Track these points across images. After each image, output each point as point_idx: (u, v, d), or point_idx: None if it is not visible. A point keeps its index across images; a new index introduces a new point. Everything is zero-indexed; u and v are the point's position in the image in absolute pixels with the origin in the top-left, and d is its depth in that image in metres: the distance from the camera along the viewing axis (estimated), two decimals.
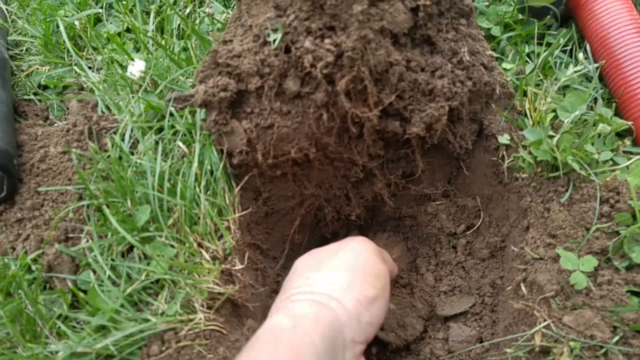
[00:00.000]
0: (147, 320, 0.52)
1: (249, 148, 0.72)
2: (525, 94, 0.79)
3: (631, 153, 0.73)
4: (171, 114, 0.75)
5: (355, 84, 0.66)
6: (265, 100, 0.70)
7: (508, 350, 0.62)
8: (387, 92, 0.68)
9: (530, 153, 0.73)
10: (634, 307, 0.58)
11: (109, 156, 0.72)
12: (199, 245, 0.61)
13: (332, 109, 0.69)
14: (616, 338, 0.57)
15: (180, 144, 0.70)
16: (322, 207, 0.82)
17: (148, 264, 0.56)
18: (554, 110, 0.76)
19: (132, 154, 0.74)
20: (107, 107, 0.87)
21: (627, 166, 0.70)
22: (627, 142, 0.73)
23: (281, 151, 0.72)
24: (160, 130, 0.77)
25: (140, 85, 0.83)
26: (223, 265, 0.62)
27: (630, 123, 0.72)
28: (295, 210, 0.81)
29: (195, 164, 0.64)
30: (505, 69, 0.83)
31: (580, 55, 0.79)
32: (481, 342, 0.76)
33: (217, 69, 0.71)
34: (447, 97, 0.70)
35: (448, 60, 0.72)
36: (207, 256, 0.60)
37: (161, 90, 0.84)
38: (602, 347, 0.57)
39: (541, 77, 0.82)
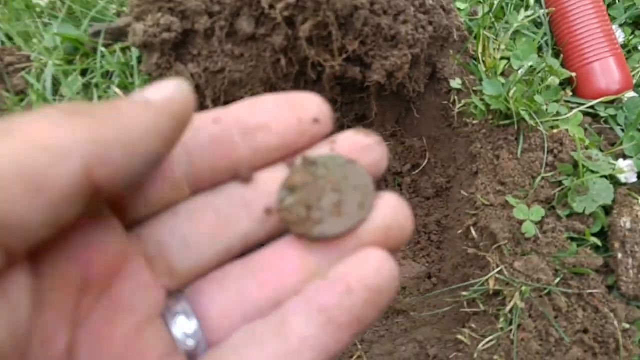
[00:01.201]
0: None
1: (197, 94, 0.64)
2: (476, 36, 0.78)
3: (570, 102, 0.77)
4: (96, 50, 0.64)
5: (319, 29, 0.60)
6: (215, 42, 0.62)
7: (464, 293, 0.67)
8: (350, 38, 0.64)
9: (482, 100, 0.74)
10: (572, 252, 0.64)
11: (22, 100, 0.61)
12: None
13: (291, 54, 0.64)
14: (557, 280, 0.63)
15: (117, 89, 0.61)
16: None
17: None
18: (506, 57, 0.77)
19: (55, 100, 0.63)
20: (8, 37, 0.72)
21: (568, 117, 0.74)
22: (569, 92, 0.76)
23: (233, 97, 0.66)
24: (85, 71, 0.66)
25: (50, 13, 0.69)
26: None
27: (573, 74, 0.75)
28: None
29: None
30: (459, 9, 0.81)
31: (531, 0, 0.78)
32: (430, 277, 0.80)
33: (156, 4, 0.60)
34: (410, 44, 0.67)
35: (411, 3, 0.67)
36: None
37: (78, 19, 0.70)
38: (545, 289, 0.63)
39: (493, 19, 0.81)
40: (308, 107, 0.24)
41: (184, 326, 0.23)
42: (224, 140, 0.23)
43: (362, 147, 0.24)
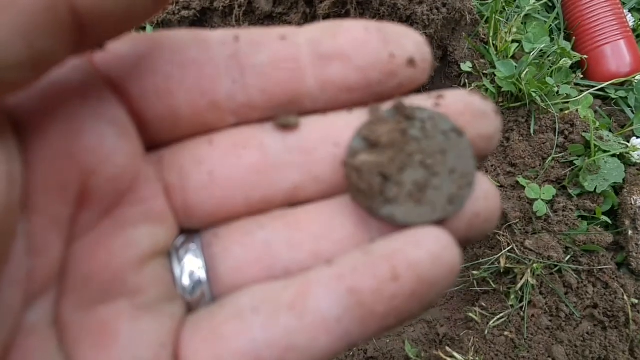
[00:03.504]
0: None
1: None
2: (487, 20, 0.79)
3: (580, 85, 0.78)
4: None
5: (337, 7, 0.61)
6: (232, 20, 0.63)
7: (475, 272, 0.68)
8: (367, 16, 0.64)
9: (493, 82, 0.75)
10: (583, 230, 0.65)
11: None
12: None
13: None
14: (568, 257, 0.64)
15: None
16: None
17: None
18: (517, 41, 0.77)
19: None
20: None
21: (577, 99, 0.74)
22: (580, 75, 0.77)
23: None
24: None
25: None
26: None
27: (584, 56, 0.76)
28: None
29: None
30: None
31: None
32: None
33: None
34: (425, 24, 0.68)
35: None
36: None
37: None
38: (556, 266, 0.64)
39: (504, 3, 0.82)
40: (404, 43, 0.18)
41: (189, 272, 0.19)
42: (288, 63, 0.18)
43: (476, 113, 0.18)
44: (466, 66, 0.78)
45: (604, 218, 0.65)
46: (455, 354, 0.62)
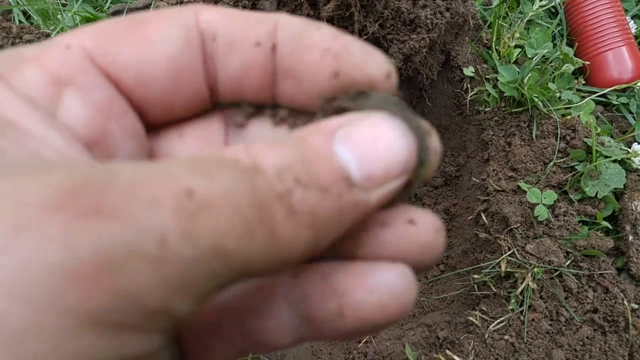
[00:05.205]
0: None
1: None
2: (490, 25, 0.79)
3: (582, 91, 0.78)
4: None
5: (341, 10, 0.61)
6: None
7: (475, 276, 0.68)
8: (370, 19, 0.64)
9: (495, 87, 0.75)
10: (584, 235, 0.66)
11: None
12: None
13: None
14: (568, 262, 0.65)
15: None
16: None
17: None
18: (520, 46, 0.78)
19: None
20: (25, 15, 0.73)
21: (579, 105, 0.75)
22: (582, 80, 0.77)
23: None
24: None
25: None
26: None
27: (587, 62, 0.76)
28: None
29: None
30: None
31: None
32: (437, 265, 0.81)
33: None
34: (428, 28, 0.68)
35: None
36: None
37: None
38: (556, 270, 0.64)
39: (507, 8, 0.82)
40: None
41: None
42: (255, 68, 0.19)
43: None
44: (469, 71, 0.79)
45: (605, 223, 0.66)
46: (456, 358, 0.62)
